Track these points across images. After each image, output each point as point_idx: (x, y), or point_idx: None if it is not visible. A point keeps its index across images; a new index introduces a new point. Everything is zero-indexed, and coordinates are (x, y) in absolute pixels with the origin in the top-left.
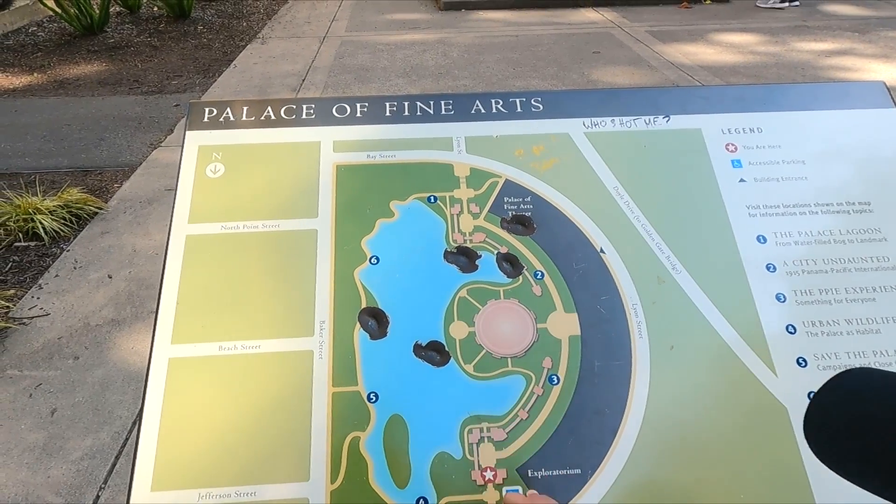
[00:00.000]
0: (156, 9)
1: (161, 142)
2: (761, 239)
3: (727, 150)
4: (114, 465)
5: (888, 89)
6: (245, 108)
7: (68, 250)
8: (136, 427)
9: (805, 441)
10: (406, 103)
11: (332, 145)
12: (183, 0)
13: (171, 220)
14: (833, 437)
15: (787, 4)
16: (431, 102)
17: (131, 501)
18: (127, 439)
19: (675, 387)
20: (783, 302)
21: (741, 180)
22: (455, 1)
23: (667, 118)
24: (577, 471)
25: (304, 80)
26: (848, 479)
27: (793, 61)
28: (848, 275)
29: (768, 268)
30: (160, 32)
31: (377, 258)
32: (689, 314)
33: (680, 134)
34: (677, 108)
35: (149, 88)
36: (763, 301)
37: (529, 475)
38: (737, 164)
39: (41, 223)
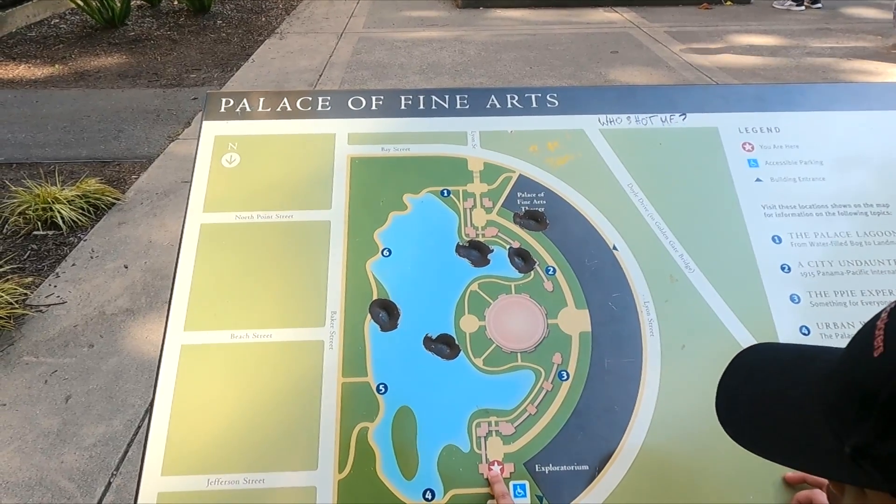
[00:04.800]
0: (176, 3)
1: (179, 134)
2: (776, 239)
3: (744, 149)
4: (126, 452)
5: None
6: (261, 100)
7: (85, 240)
8: (149, 414)
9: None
10: (421, 97)
11: (346, 137)
12: None
13: (186, 209)
14: (742, 417)
15: (803, 7)
16: (447, 96)
17: (142, 485)
18: (139, 427)
19: (685, 386)
20: (797, 303)
21: (757, 180)
22: None
23: (683, 116)
24: (585, 467)
25: (321, 76)
26: (762, 456)
27: (813, 64)
28: (864, 277)
29: (783, 268)
30: (180, 26)
31: (389, 250)
32: (702, 313)
33: (696, 132)
34: (694, 106)
35: (167, 82)
36: (777, 302)
37: (537, 470)
38: (753, 163)
39: (60, 213)
